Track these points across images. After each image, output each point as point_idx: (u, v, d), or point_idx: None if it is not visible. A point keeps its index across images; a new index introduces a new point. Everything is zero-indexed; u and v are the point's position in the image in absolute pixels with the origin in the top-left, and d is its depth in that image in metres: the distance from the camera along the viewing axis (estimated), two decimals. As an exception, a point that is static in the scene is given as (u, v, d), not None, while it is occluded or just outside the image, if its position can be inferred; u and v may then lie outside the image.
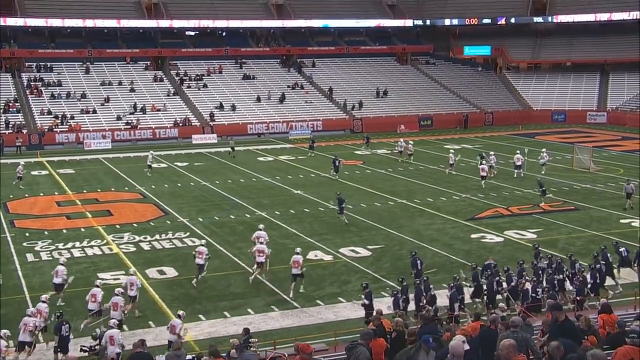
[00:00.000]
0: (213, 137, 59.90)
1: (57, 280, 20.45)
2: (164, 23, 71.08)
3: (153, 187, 39.04)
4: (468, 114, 68.03)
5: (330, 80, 72.77)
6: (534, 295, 18.88)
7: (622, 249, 22.07)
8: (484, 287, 19.36)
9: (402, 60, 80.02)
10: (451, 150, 45.48)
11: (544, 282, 19.67)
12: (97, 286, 18.75)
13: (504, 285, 19.61)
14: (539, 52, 78.25)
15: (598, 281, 19.81)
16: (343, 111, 67.18)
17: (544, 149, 42.94)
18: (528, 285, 19.29)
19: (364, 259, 24.73)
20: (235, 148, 50.87)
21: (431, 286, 18.96)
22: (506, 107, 71.89)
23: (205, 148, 55.52)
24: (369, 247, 26.24)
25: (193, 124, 61.69)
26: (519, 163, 40.32)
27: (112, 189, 38.65)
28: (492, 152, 43.29)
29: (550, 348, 7.81)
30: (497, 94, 74.43)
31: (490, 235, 27.63)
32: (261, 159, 50.09)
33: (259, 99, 67.07)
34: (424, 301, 18.24)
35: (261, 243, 23.01)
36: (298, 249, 22.39)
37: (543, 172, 40.12)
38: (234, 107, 65.10)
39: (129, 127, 59.40)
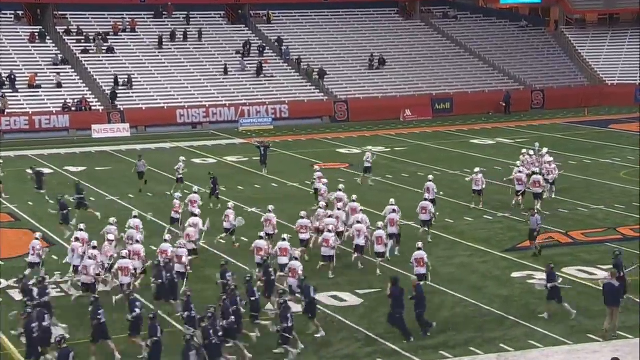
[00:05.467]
0: (124, 128, 59.87)
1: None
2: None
3: (31, 204, 38.87)
4: (508, 92, 68.78)
5: (301, 43, 73.12)
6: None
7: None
8: None
9: (407, 12, 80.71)
10: (370, 149, 45.22)
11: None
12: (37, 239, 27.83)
13: None
14: (616, -2, 79.22)
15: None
16: (320, 89, 67.59)
17: (524, 151, 40.87)
18: None
19: (351, 310, 24.98)
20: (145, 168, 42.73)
21: None
22: (565, 81, 72.90)
23: (112, 144, 55.38)
24: (359, 291, 26.48)
25: (93, 108, 61.58)
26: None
27: (-34, 208, 38.39)
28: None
29: None
30: (550, 62, 75.43)
31: (540, 273, 27.99)
32: (197, 160, 50.10)
33: (193, 72, 67.16)
34: None
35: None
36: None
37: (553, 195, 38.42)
38: (155, 84, 65.09)
39: (-8, 112, 59.20)
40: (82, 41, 68.39)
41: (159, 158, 50.55)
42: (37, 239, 28.12)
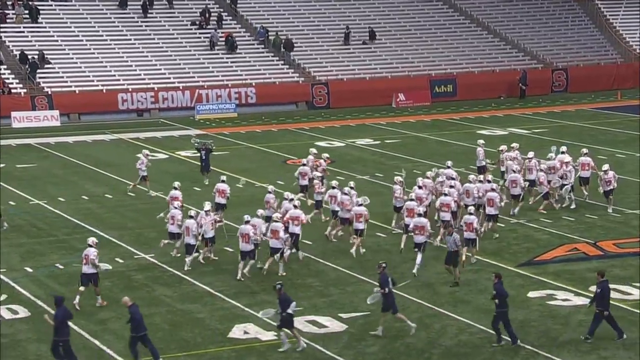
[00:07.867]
0: (52, 116, 59.65)
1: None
2: None
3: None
4: (525, 71, 68.88)
5: (270, 13, 72.95)
6: None
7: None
8: None
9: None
10: (482, 142, 43.21)
11: None
12: (176, 208, 31.68)
13: None
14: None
15: None
16: (294, 69, 67.45)
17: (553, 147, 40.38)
18: None
19: (333, 338, 24.90)
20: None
21: None
22: (593, 58, 73.23)
23: (37, 135, 55.17)
24: (343, 315, 26.44)
25: (14, 90, 61.23)
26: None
27: None
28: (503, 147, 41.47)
29: None
30: (576, 35, 75.61)
31: (563, 292, 27.99)
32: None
33: (138, 47, 66.85)
34: None
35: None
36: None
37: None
38: (91, 61, 64.81)
39: None
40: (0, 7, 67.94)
41: (96, 153, 50.28)
42: (210, 214, 31.01)
